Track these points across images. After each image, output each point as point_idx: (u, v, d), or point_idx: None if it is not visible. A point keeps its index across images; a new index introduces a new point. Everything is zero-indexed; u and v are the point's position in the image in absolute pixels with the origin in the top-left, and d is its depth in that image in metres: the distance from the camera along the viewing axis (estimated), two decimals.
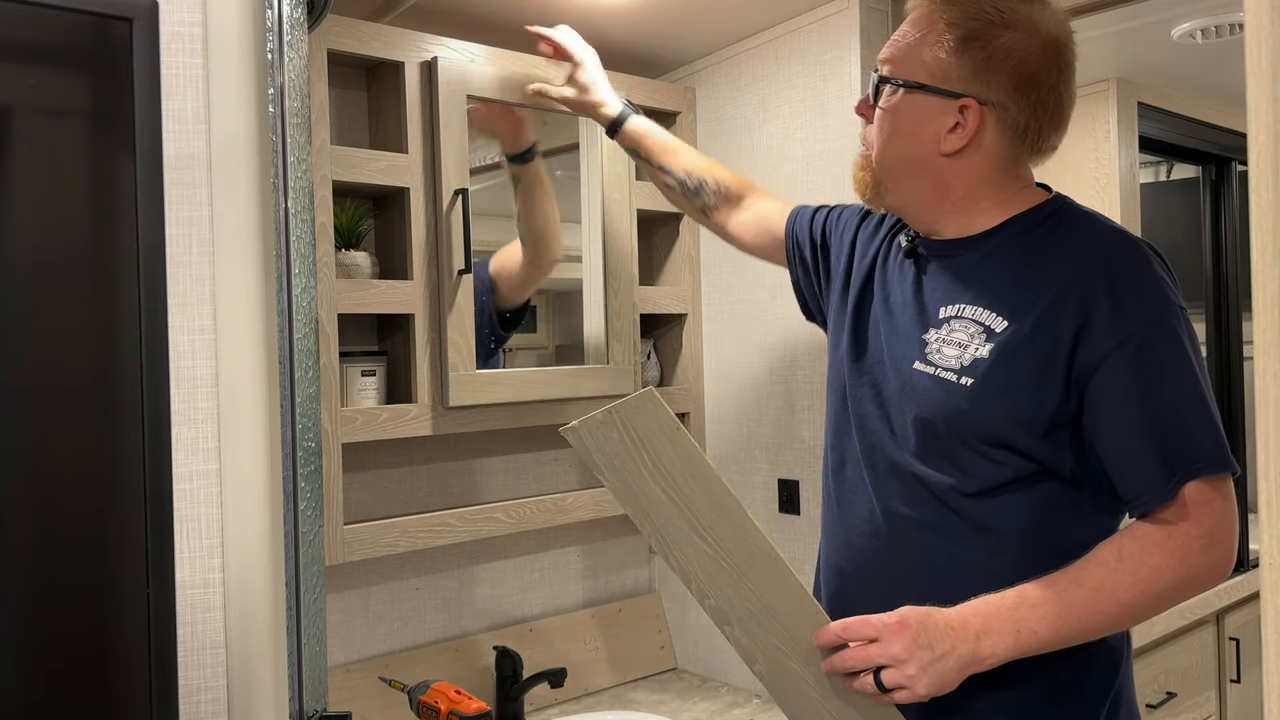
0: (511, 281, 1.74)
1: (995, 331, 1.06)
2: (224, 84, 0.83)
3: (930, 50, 1.09)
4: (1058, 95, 1.09)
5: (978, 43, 1.07)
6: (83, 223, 0.70)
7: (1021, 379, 1.04)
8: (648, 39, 1.86)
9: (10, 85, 0.68)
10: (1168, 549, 0.99)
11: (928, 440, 1.10)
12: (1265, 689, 0.41)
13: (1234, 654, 2.31)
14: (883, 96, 1.14)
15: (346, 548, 1.55)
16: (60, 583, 0.69)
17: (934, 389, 1.09)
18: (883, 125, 1.14)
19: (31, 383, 0.69)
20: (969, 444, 1.07)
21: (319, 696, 0.98)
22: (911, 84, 1.10)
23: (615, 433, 1.07)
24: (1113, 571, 1.00)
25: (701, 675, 2.04)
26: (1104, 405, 1.02)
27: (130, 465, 0.71)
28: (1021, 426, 1.04)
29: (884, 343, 1.17)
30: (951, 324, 1.10)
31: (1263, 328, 0.43)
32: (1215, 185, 2.56)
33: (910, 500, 1.12)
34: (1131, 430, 1.01)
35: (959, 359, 1.08)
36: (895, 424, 1.14)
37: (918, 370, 1.11)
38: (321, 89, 1.50)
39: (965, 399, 1.06)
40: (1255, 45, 0.41)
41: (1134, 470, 1.02)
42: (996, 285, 1.08)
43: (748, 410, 1.93)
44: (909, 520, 1.12)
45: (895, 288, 1.19)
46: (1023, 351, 1.04)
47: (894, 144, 1.13)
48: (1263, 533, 0.45)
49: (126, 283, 0.71)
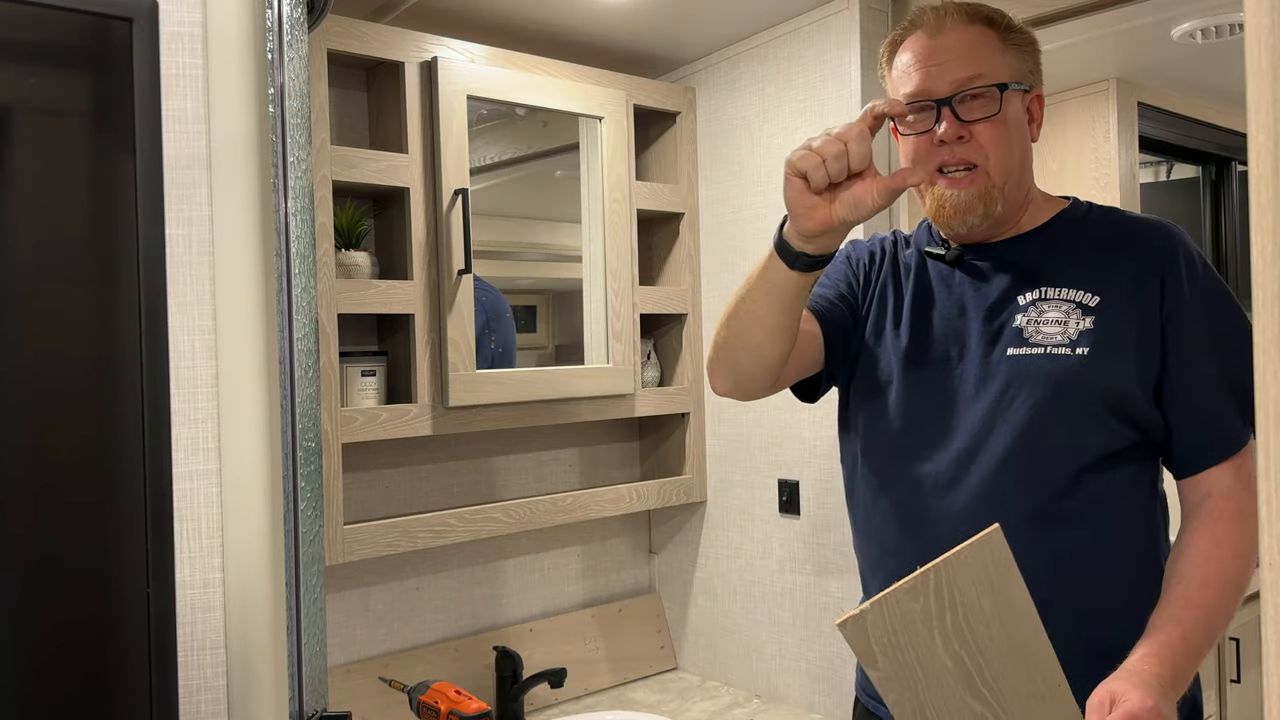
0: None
1: (1089, 306, 1.12)
2: (224, 84, 0.83)
3: (1000, 52, 1.15)
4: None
5: (1023, 37, 1.17)
6: (83, 223, 0.70)
7: (1130, 342, 1.10)
8: (648, 39, 1.86)
9: (10, 85, 0.68)
10: (1246, 520, 1.06)
11: (1045, 420, 1.10)
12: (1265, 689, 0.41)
13: (1234, 654, 2.31)
14: (980, 107, 1.12)
15: (346, 548, 1.55)
16: (61, 585, 0.69)
17: (1048, 364, 1.11)
18: (999, 133, 1.13)
19: (31, 381, 0.69)
20: (1092, 412, 1.10)
21: (319, 696, 0.98)
22: (1010, 85, 1.14)
23: (921, 601, 0.89)
24: (1219, 562, 1.06)
25: (701, 675, 2.04)
26: (1186, 360, 1.09)
27: (130, 465, 0.71)
28: (1140, 387, 1.10)
29: (948, 346, 1.17)
30: (1040, 306, 1.14)
31: (1263, 327, 0.43)
32: (1215, 185, 2.56)
33: (1021, 490, 1.10)
34: (1212, 385, 1.09)
35: (1064, 334, 1.12)
36: (995, 419, 1.12)
37: (1017, 355, 1.13)
38: (321, 89, 1.50)
39: (1084, 366, 1.10)
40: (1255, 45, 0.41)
41: (1214, 421, 1.09)
42: (1074, 268, 1.14)
43: (748, 410, 1.93)
44: (1017, 515, 1.07)
45: (941, 294, 1.20)
46: (1123, 318, 1.10)
47: (1016, 147, 1.15)
48: (1263, 533, 0.44)
49: (127, 282, 0.71)
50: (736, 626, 1.97)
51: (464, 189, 1.62)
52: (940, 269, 1.21)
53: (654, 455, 2.10)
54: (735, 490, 1.97)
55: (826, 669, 1.78)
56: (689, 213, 1.99)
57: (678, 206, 1.97)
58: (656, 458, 2.09)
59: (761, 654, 1.92)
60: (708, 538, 2.03)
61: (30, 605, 0.69)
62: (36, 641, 0.69)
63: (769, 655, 1.90)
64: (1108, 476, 1.11)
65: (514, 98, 1.70)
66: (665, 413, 1.98)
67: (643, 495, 1.93)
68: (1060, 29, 1.75)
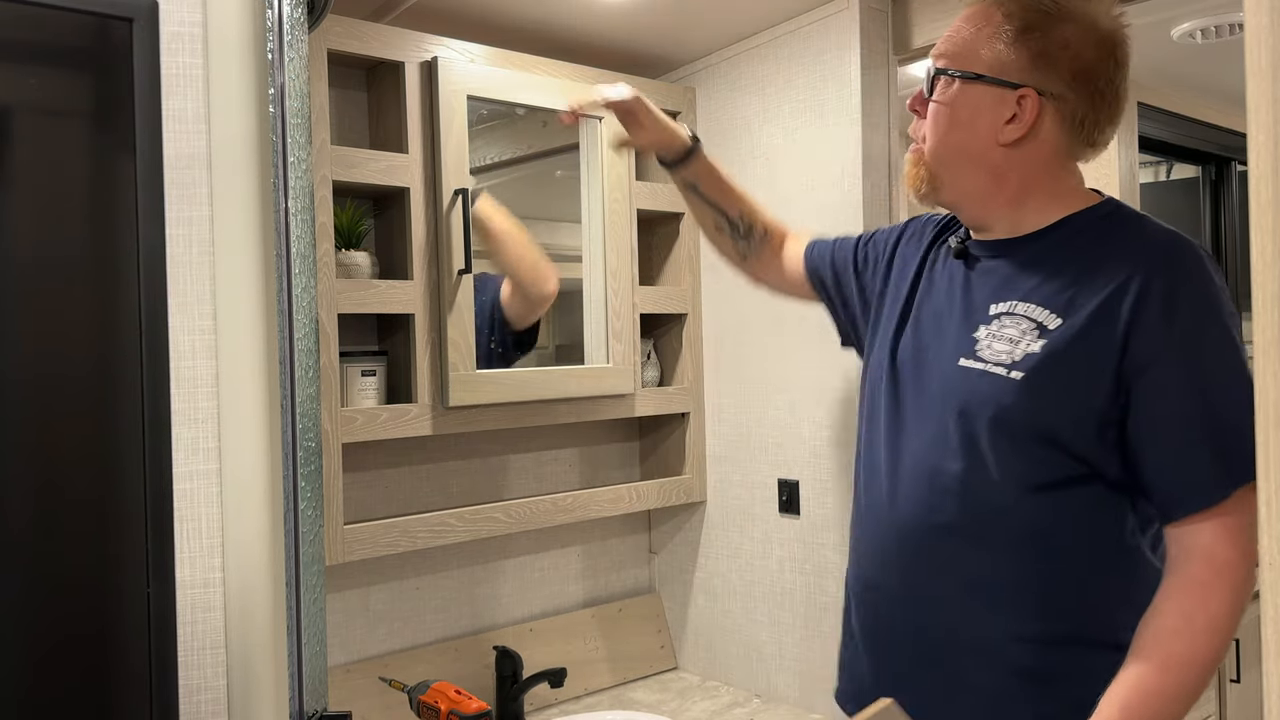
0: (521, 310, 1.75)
1: (1048, 328, 1.06)
2: (224, 84, 0.83)
3: (989, 43, 1.11)
4: (1114, 89, 1.11)
5: (1036, 33, 1.08)
6: (83, 222, 0.70)
7: (1074, 375, 1.03)
8: (648, 39, 1.86)
9: (10, 85, 0.68)
10: (1221, 585, 0.99)
11: (973, 438, 1.08)
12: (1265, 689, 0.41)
13: (1234, 654, 2.31)
14: (938, 89, 1.14)
15: (346, 548, 1.55)
16: (61, 584, 0.69)
17: (980, 383, 1.08)
18: (939, 118, 1.14)
19: (31, 380, 0.69)
20: (1016, 440, 1.06)
21: (319, 696, 0.98)
22: (969, 75, 1.11)
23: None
24: (1188, 640, 0.99)
25: (701, 675, 2.04)
26: (1154, 404, 1.01)
27: (130, 465, 0.71)
28: (1073, 423, 1.03)
29: (928, 345, 1.16)
30: (1003, 320, 1.09)
31: (1263, 327, 0.43)
32: (1215, 185, 2.56)
33: (953, 508, 1.10)
34: (1183, 431, 1.00)
35: (1009, 354, 1.07)
36: (939, 426, 1.12)
37: (964, 366, 1.10)
38: (321, 89, 1.50)
39: (1012, 392, 1.05)
40: (1255, 45, 0.41)
41: (1182, 471, 1.00)
42: (1050, 283, 1.08)
43: (748, 410, 1.93)
44: (950, 529, 1.10)
45: (942, 290, 1.19)
46: (1076, 348, 1.03)
47: (951, 136, 1.13)
48: (1262, 533, 0.45)
49: (127, 282, 0.71)
50: (736, 626, 1.97)
51: (464, 189, 1.62)
52: (948, 261, 1.20)
53: (654, 455, 2.10)
54: (735, 490, 1.97)
55: (826, 669, 1.78)
56: (689, 213, 1.99)
57: (678, 206, 1.97)
58: (656, 458, 2.09)
59: (761, 654, 1.92)
60: (708, 538, 2.03)
61: (30, 604, 0.69)
62: (37, 641, 0.69)
63: (769, 655, 1.90)
64: (1043, 503, 1.06)
65: (514, 98, 1.70)
66: (665, 413, 1.98)
67: (643, 495, 1.93)
68: None
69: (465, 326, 1.64)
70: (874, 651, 1.19)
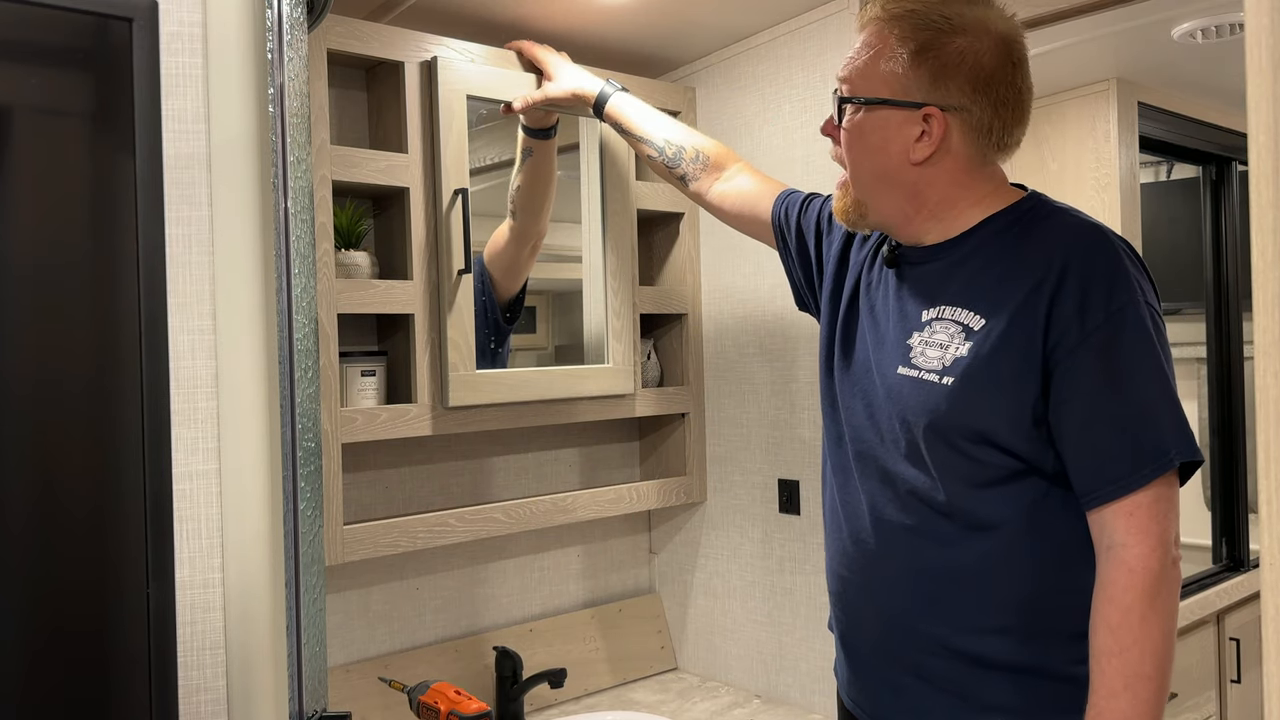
0: (502, 263, 1.74)
1: (973, 330, 1.08)
2: (224, 84, 0.83)
3: (887, 65, 1.11)
4: (1016, 90, 1.11)
5: (931, 52, 1.09)
6: (83, 222, 0.70)
7: (1001, 374, 1.05)
8: (648, 39, 1.86)
9: (10, 85, 0.68)
10: (1134, 587, 1.01)
11: (914, 443, 1.12)
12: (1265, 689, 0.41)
13: (1234, 654, 2.31)
14: (846, 115, 1.15)
15: (346, 548, 1.55)
16: (60, 584, 0.69)
17: (916, 391, 1.10)
18: (851, 144, 1.15)
19: (30, 382, 0.69)
20: (954, 444, 1.08)
21: (319, 697, 0.98)
22: (873, 100, 1.12)
23: None
24: (1122, 659, 1.00)
25: (701, 675, 2.04)
26: (1069, 395, 1.03)
27: (130, 465, 0.71)
28: (1006, 422, 1.05)
29: (870, 352, 1.19)
30: (933, 326, 1.12)
31: (1263, 328, 0.43)
32: (1215, 185, 2.56)
33: (901, 506, 1.14)
34: (1095, 421, 1.02)
35: (940, 360, 1.09)
36: (884, 431, 1.16)
37: (902, 375, 1.13)
38: (321, 89, 1.50)
39: (945, 399, 1.07)
40: (1255, 45, 0.41)
41: (1097, 460, 1.02)
42: (974, 285, 1.10)
43: (748, 410, 1.93)
44: (900, 526, 1.14)
45: (879, 298, 1.21)
46: (1000, 347, 1.05)
47: (866, 161, 1.15)
48: (1263, 533, 0.45)
49: (126, 282, 0.71)
50: (736, 626, 1.97)
51: (464, 189, 1.62)
52: (883, 269, 1.22)
53: (654, 455, 2.10)
54: (735, 490, 1.97)
55: (826, 669, 1.78)
56: (689, 213, 1.99)
57: (678, 206, 1.97)
58: (656, 458, 2.09)
59: (761, 654, 1.92)
60: (708, 538, 2.03)
61: (30, 604, 0.69)
62: (36, 640, 0.69)
63: (769, 655, 1.90)
64: (986, 500, 1.08)
65: (514, 98, 1.70)
66: (665, 413, 1.98)
67: (643, 495, 1.93)
68: (1060, 29, 1.74)
69: (465, 326, 1.64)
70: (845, 644, 1.26)
